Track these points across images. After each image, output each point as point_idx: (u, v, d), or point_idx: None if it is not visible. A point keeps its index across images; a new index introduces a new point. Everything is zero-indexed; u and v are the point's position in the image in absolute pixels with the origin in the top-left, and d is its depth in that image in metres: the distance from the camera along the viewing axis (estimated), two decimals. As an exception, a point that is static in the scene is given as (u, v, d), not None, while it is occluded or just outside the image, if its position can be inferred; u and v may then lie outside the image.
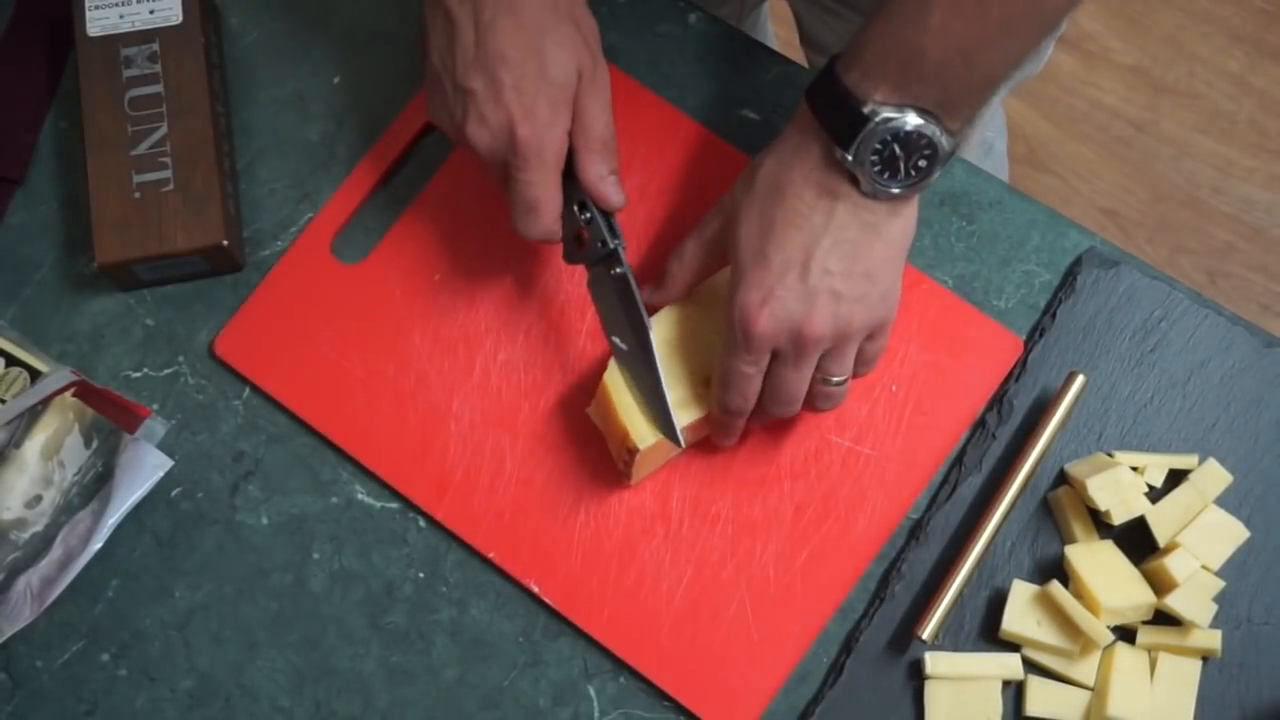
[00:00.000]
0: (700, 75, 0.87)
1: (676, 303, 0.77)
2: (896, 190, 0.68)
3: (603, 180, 0.74)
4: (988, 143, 1.47)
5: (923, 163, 0.68)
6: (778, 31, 1.50)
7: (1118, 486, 0.75)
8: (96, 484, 0.79)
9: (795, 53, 1.19)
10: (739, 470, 0.80)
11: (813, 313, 0.69)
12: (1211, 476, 0.76)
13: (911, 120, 0.66)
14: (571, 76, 0.73)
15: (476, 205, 0.85)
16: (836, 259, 0.69)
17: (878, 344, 0.74)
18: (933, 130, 0.67)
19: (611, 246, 0.75)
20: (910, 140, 0.67)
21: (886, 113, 0.66)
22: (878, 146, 0.67)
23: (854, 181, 0.68)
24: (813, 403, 0.75)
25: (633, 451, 0.75)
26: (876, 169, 0.67)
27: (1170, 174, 1.69)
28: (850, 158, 0.67)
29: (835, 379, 0.73)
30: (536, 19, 0.72)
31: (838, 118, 0.67)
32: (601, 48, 0.75)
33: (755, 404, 0.74)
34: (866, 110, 0.66)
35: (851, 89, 0.67)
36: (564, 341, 0.82)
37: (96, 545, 0.78)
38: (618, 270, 0.76)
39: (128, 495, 0.78)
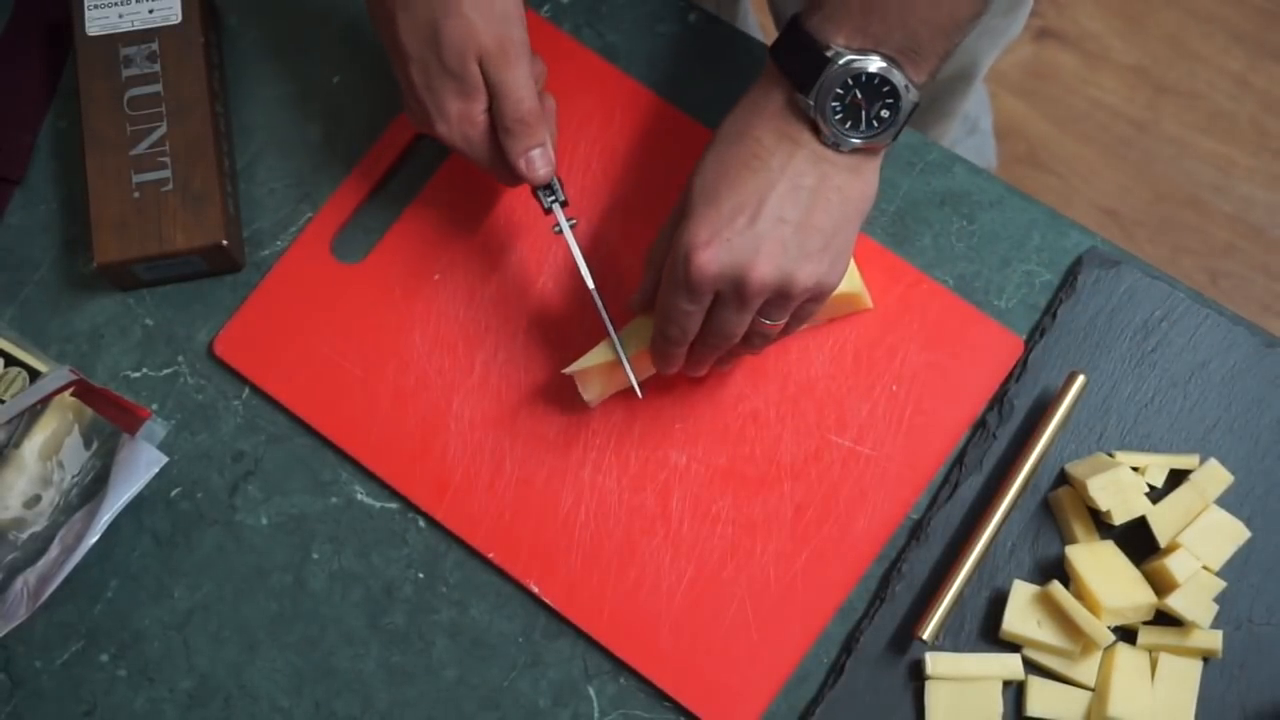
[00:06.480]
0: (700, 75, 0.87)
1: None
2: (857, 140, 0.68)
3: (519, 158, 0.74)
4: (972, 119, 1.47)
5: (885, 113, 0.67)
6: (761, 22, 1.50)
7: (1118, 486, 0.75)
8: (96, 485, 0.79)
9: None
10: (739, 470, 0.80)
11: (758, 259, 0.68)
12: (1212, 477, 0.76)
13: (874, 64, 0.67)
14: (468, 62, 0.72)
15: (476, 205, 0.85)
16: (791, 206, 0.68)
17: (816, 306, 0.72)
18: (896, 76, 0.67)
19: (545, 206, 0.77)
20: (872, 85, 0.67)
21: (848, 56, 0.66)
22: (839, 91, 0.67)
23: (815, 130, 0.68)
24: (747, 341, 0.73)
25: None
26: (838, 116, 0.67)
27: (1171, 174, 1.69)
28: (812, 103, 0.67)
29: (769, 322, 0.72)
30: (427, 10, 0.72)
31: (799, 63, 0.67)
32: (520, 14, 0.73)
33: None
34: (829, 54, 0.67)
35: (813, 34, 0.67)
36: (564, 341, 0.82)
37: (92, 539, 0.77)
38: (555, 228, 0.77)
39: (124, 491, 0.78)
